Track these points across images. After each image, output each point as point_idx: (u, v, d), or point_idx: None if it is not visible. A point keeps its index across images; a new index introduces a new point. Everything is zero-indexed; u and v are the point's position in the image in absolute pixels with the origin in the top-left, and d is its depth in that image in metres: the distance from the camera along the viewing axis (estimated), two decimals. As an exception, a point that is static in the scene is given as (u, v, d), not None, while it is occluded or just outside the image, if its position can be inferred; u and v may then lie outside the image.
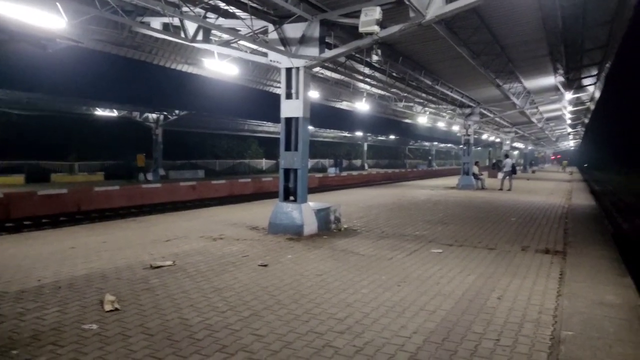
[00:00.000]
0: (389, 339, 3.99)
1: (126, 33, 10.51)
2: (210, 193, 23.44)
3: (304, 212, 8.92)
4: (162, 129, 27.59)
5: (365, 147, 51.50)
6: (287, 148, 9.11)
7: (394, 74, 15.04)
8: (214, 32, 9.69)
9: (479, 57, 13.45)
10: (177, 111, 26.88)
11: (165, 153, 28.52)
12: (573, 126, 44.41)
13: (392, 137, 52.25)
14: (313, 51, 8.73)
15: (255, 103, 21.79)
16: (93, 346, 3.75)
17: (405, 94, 18.97)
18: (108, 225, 10.38)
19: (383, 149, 61.70)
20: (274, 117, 9.89)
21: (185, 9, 8.24)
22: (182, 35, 9.33)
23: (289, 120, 9.06)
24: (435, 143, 65.51)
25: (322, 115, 23.73)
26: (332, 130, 40.53)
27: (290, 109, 8.99)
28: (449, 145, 66.92)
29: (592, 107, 30.33)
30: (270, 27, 8.92)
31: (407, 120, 30.22)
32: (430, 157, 70.42)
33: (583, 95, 24.69)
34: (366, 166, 50.44)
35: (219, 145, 37.93)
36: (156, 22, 9.57)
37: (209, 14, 9.12)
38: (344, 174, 38.21)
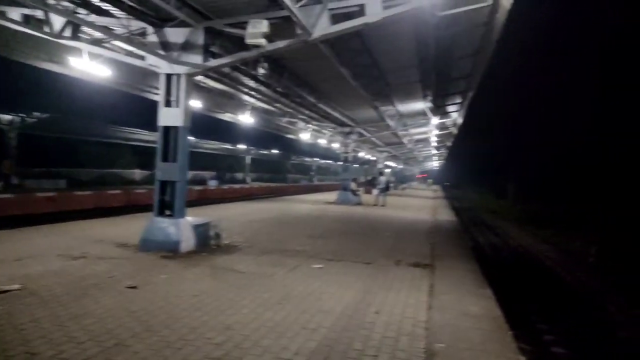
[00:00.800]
0: (270, 362, 3.83)
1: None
2: (73, 205, 21.17)
3: (181, 227, 8.40)
4: (16, 133, 24.35)
5: (248, 161, 51.05)
6: (165, 159, 8.54)
7: (279, 89, 15.09)
8: (84, 29, 8.78)
9: (359, 79, 14.10)
10: (37, 113, 23.96)
11: (21, 160, 25.19)
12: (438, 148, 48.82)
13: (275, 151, 52.59)
14: (196, 58, 8.36)
15: (130, 109, 20.45)
16: None
17: (289, 110, 19.17)
18: (-61, 243, 8.72)
19: (266, 163, 61.76)
20: (151, 124, 9.24)
21: (50, 1, 7.35)
22: (47, 29, 8.30)
23: (167, 129, 8.51)
24: (317, 159, 67.44)
25: (204, 125, 22.99)
26: (214, 141, 39.48)
27: (169, 117, 8.45)
28: (329, 161, 69.35)
29: (455, 132, 33.65)
30: (150, 29, 8.35)
31: (290, 136, 30.58)
32: (312, 173, 72.18)
33: (447, 121, 27.26)
34: (248, 180, 49.97)
35: (86, 152, 34.61)
36: (15, 13, 8.40)
37: (80, 9, 8.25)
38: (225, 187, 37.39)
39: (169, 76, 8.46)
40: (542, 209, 34.11)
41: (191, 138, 33.09)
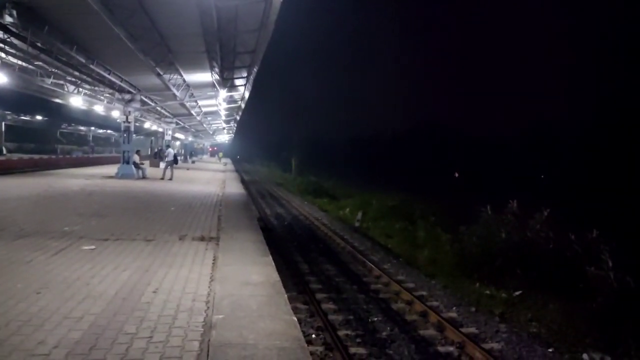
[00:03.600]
0: (21, 361, 3.29)
1: None
2: None
3: None
4: None
5: (3, 128, 42.68)
6: None
7: (39, 44, 12.78)
8: None
9: (138, 41, 12.90)
10: None
11: None
12: (227, 122, 48.96)
13: (40, 117, 45.06)
14: None
15: None
16: None
17: (53, 70, 16.48)
18: None
19: (28, 131, 52.60)
20: None
21: None
22: None
23: None
24: (93, 128, 60.39)
25: None
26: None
27: None
28: (109, 131, 62.94)
29: (243, 105, 34.17)
30: None
31: (58, 100, 26.41)
32: (92, 144, 64.51)
33: (235, 94, 27.39)
34: (4, 150, 41.87)
35: None
36: None
37: None
38: (-29, 159, 30.65)
39: None
40: (318, 182, 37.77)
41: None
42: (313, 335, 7.18)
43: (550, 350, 7.55)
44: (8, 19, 8.01)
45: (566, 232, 11.45)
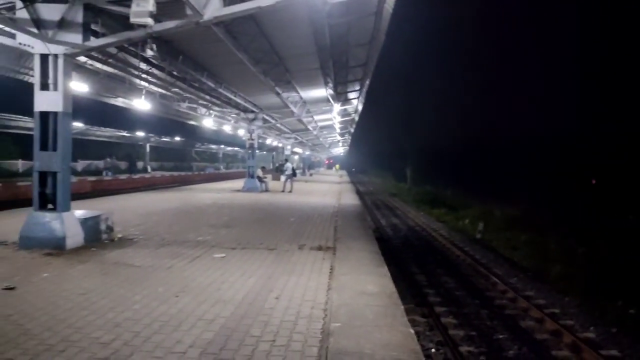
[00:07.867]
0: (162, 357, 3.67)
1: None
2: (-59, 202, 18.60)
3: (67, 221, 7.72)
4: None
5: (148, 149, 48.43)
6: (44, 147, 7.75)
7: (175, 73, 14.36)
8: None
9: (259, 64, 13.85)
10: None
11: None
12: (342, 134, 49.98)
13: (177, 138, 50.38)
14: (75, 38, 7.62)
15: (7, 93, 18.25)
16: None
17: (188, 95, 18.38)
18: None
19: (168, 151, 59.05)
20: (32, 110, 8.27)
21: None
22: None
23: (45, 115, 7.72)
24: (222, 146, 65.82)
25: (94, 111, 21.22)
26: (108, 129, 36.80)
27: (46, 102, 7.66)
28: (236, 148, 68.06)
29: (356, 118, 34.66)
30: (19, 3, 7.46)
31: (192, 122, 29.37)
32: (226, 162, 70.30)
33: (349, 107, 27.93)
34: (149, 169, 47.46)
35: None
36: None
37: None
38: (123, 177, 35.22)
39: (44, 57, 7.62)
40: (434, 192, 36.59)
41: (80, 125, 30.36)
42: (433, 350, 6.96)
43: None
44: (149, 53, 9.17)
45: None
